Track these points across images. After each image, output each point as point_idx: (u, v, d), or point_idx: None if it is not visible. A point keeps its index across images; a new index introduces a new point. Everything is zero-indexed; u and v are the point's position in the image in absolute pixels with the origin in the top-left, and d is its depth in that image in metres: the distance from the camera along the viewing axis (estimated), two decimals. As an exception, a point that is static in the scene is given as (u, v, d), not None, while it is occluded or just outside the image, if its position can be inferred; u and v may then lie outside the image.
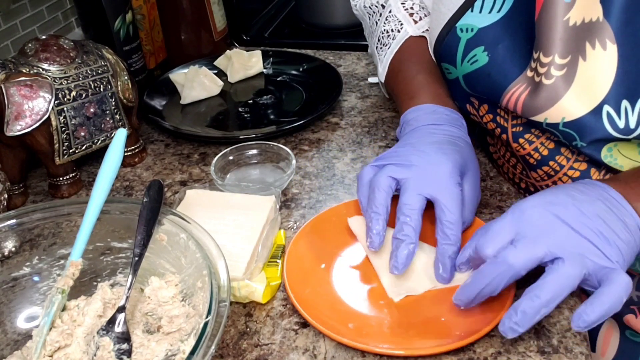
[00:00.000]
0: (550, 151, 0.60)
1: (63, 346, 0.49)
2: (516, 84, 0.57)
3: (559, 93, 0.54)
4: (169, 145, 0.84)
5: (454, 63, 0.62)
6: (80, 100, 0.71)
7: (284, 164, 0.73)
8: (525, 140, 0.62)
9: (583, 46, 0.53)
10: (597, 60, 0.52)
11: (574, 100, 0.53)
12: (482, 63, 0.59)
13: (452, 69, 0.63)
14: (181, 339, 0.49)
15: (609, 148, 0.55)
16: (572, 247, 0.47)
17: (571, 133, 0.55)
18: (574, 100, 0.54)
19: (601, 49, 0.52)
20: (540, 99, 0.55)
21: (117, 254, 0.57)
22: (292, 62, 1.01)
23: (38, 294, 0.55)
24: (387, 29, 0.76)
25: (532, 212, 0.49)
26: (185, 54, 1.04)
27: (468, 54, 0.60)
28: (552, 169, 0.61)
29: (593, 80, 0.53)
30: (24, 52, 0.70)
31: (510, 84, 0.58)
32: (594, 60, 0.52)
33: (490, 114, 0.64)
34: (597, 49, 0.52)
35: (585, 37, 0.52)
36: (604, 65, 0.52)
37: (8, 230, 0.54)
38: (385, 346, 0.50)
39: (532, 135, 0.61)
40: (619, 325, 0.66)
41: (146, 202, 0.54)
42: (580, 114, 0.54)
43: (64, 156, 0.72)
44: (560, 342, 0.51)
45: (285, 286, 0.56)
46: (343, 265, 0.60)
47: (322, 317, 0.53)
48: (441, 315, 0.53)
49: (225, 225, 0.60)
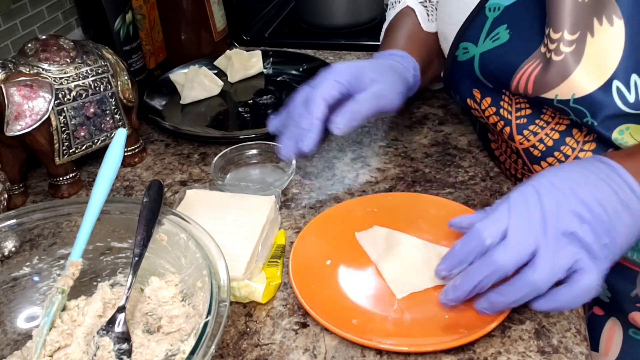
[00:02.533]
0: (555, 142, 0.60)
1: (63, 346, 0.49)
2: (529, 61, 0.57)
3: (569, 69, 0.54)
4: (169, 145, 0.84)
5: (476, 42, 0.63)
6: (80, 100, 0.71)
7: (284, 164, 0.73)
8: (529, 132, 0.62)
9: (591, 22, 0.53)
10: (604, 36, 0.53)
11: (584, 76, 0.54)
12: (503, 40, 0.60)
13: (471, 47, 0.63)
14: (181, 339, 0.49)
15: (621, 131, 0.55)
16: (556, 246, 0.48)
17: (582, 109, 0.55)
18: (584, 76, 0.54)
19: (608, 24, 0.53)
20: (550, 75, 0.55)
21: (117, 254, 0.57)
22: (292, 62, 1.01)
23: (38, 294, 0.55)
24: (392, 0, 0.82)
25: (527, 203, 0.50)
26: (185, 54, 1.04)
27: (492, 32, 0.61)
28: (557, 159, 0.61)
29: (602, 56, 0.53)
30: (24, 52, 0.70)
31: (524, 61, 0.58)
32: (602, 36, 0.53)
33: (493, 107, 0.64)
34: (604, 25, 0.53)
35: (592, 13, 0.53)
36: (611, 41, 0.53)
37: (8, 230, 0.54)
38: (388, 342, 0.50)
39: (537, 126, 0.61)
40: (622, 323, 0.66)
41: (146, 202, 0.54)
42: (590, 89, 0.54)
43: (64, 156, 0.72)
44: (560, 342, 0.51)
45: (291, 281, 0.56)
46: (349, 262, 0.60)
47: (326, 312, 0.53)
48: (445, 312, 0.53)
49: (225, 225, 0.60)
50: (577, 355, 0.50)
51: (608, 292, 0.65)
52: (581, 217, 0.48)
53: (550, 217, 0.48)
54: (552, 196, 0.49)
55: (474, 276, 0.49)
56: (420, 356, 0.51)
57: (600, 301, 0.67)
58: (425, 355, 0.51)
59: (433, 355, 0.51)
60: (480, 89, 0.65)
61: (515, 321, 0.53)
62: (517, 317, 0.54)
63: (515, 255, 0.48)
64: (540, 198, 0.49)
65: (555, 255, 0.47)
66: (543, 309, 0.48)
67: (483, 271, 0.49)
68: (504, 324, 0.53)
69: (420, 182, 0.72)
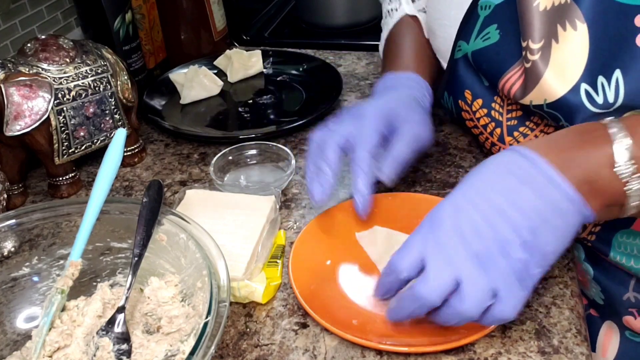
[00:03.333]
0: None
1: (62, 346, 0.49)
2: (516, 67, 0.58)
3: (537, 75, 0.55)
4: (169, 145, 0.84)
5: (467, 39, 0.63)
6: (80, 100, 0.71)
7: (284, 164, 0.73)
8: (519, 134, 0.62)
9: (555, 29, 0.54)
10: (569, 41, 0.53)
11: (552, 81, 0.54)
12: (493, 40, 0.60)
13: (463, 45, 0.64)
14: (181, 339, 0.49)
15: None
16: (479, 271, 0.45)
17: (555, 114, 0.56)
18: (552, 81, 0.54)
19: (572, 29, 0.53)
20: (525, 81, 0.56)
21: (116, 254, 0.57)
22: (292, 62, 1.01)
23: (37, 294, 0.55)
24: (389, 8, 0.81)
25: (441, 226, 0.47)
26: (185, 54, 1.04)
27: (483, 31, 0.61)
28: None
29: (567, 61, 0.54)
30: (23, 51, 0.70)
31: (512, 65, 0.58)
32: (566, 41, 0.53)
33: (484, 109, 0.64)
34: (568, 30, 0.53)
35: (556, 20, 0.53)
36: (576, 45, 0.53)
37: (7, 231, 0.54)
38: (388, 342, 0.50)
39: (527, 128, 0.62)
40: (618, 326, 0.66)
41: (146, 202, 0.54)
42: (559, 94, 0.54)
43: (64, 156, 0.71)
44: (560, 342, 0.51)
45: (291, 281, 0.56)
46: (349, 263, 0.60)
47: (326, 313, 0.53)
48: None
49: (225, 225, 0.60)
50: (577, 355, 0.50)
51: (602, 294, 0.65)
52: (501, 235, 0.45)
53: (469, 238, 0.45)
54: (468, 214, 0.46)
55: (403, 309, 0.48)
56: (420, 356, 0.51)
57: (595, 303, 0.67)
58: (425, 356, 0.51)
59: (433, 356, 0.51)
60: (472, 89, 0.65)
61: (515, 321, 0.53)
62: (518, 318, 0.53)
63: (437, 287, 0.45)
64: (456, 218, 0.46)
65: (478, 282, 0.44)
66: None
67: (410, 305, 0.47)
68: (505, 325, 0.53)
69: (420, 182, 0.72)
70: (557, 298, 0.55)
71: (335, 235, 0.62)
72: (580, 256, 0.65)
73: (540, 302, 0.55)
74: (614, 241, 0.59)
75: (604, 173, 0.45)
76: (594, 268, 0.64)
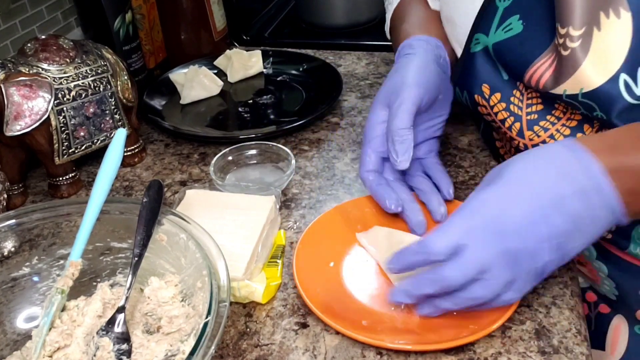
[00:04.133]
0: (566, 137, 0.59)
1: (62, 346, 0.49)
2: (545, 56, 0.57)
3: (576, 64, 0.54)
4: (169, 145, 0.84)
5: (487, 32, 0.62)
6: (80, 100, 0.71)
7: (284, 164, 0.73)
8: (540, 128, 0.61)
9: (597, 16, 0.52)
10: (611, 30, 0.52)
11: (591, 70, 0.53)
12: (517, 31, 0.59)
13: (482, 38, 0.63)
14: (181, 339, 0.49)
15: None
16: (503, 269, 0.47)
17: (590, 104, 0.55)
18: (591, 71, 0.53)
19: (615, 17, 0.52)
20: (559, 70, 0.55)
21: (116, 254, 0.57)
22: (292, 62, 1.01)
23: (37, 294, 0.55)
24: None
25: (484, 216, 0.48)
26: (185, 54, 1.04)
27: (504, 22, 0.60)
28: None
29: (608, 50, 0.53)
30: (23, 51, 0.70)
31: (539, 55, 0.57)
32: (609, 29, 0.52)
33: (502, 103, 0.63)
34: (611, 18, 0.52)
35: (600, 7, 0.52)
36: (618, 34, 0.52)
37: (7, 231, 0.54)
38: (395, 341, 0.50)
39: (548, 122, 0.61)
40: (628, 320, 0.66)
41: (146, 202, 0.54)
42: (597, 83, 0.53)
43: (64, 156, 0.71)
44: (560, 342, 0.51)
45: (297, 286, 0.56)
46: (351, 263, 0.60)
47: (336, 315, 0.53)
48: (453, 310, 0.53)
49: (225, 225, 0.60)
50: (577, 355, 0.50)
51: (615, 290, 0.65)
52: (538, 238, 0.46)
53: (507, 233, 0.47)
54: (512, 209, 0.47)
55: (422, 287, 0.49)
56: (420, 356, 0.51)
57: (607, 299, 0.67)
58: (425, 355, 0.51)
59: (433, 355, 0.51)
60: (490, 83, 0.64)
61: (515, 321, 0.53)
62: (518, 318, 0.54)
63: (466, 275, 0.47)
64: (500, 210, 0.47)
65: (503, 276, 0.47)
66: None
67: (433, 285, 0.49)
68: (505, 324, 0.53)
69: (420, 182, 0.72)
70: (557, 298, 0.55)
71: (336, 237, 0.62)
72: (592, 255, 0.65)
73: (540, 302, 0.55)
74: (634, 234, 0.59)
75: None
76: (607, 265, 0.64)
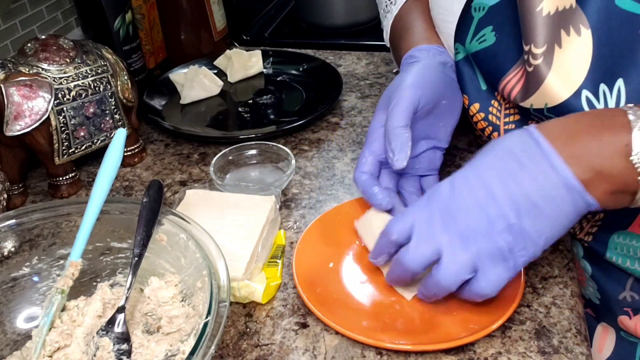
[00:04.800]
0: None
1: (62, 346, 0.49)
2: (515, 69, 0.57)
3: (540, 79, 0.54)
4: (169, 145, 0.84)
5: (463, 42, 0.62)
6: (80, 100, 0.71)
7: (284, 164, 0.73)
8: None
9: (558, 34, 0.53)
10: (572, 47, 0.53)
11: (554, 86, 0.54)
12: (490, 43, 0.59)
13: (460, 48, 0.63)
14: (181, 339, 0.49)
15: None
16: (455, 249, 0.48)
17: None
18: (554, 87, 0.54)
19: (576, 35, 0.53)
20: (526, 84, 0.56)
21: (116, 254, 0.57)
22: (292, 62, 1.01)
23: (37, 294, 0.55)
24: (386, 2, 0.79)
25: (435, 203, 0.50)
26: (185, 54, 1.04)
27: (478, 33, 0.60)
28: None
29: (570, 67, 0.53)
30: (23, 51, 0.70)
31: (510, 68, 0.58)
32: (569, 46, 0.53)
33: (481, 113, 0.64)
34: (571, 35, 0.53)
35: (560, 25, 0.53)
36: (579, 51, 0.53)
37: (7, 231, 0.54)
38: (395, 342, 0.50)
39: None
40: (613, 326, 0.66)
41: (146, 202, 0.54)
42: (560, 99, 0.54)
43: (64, 156, 0.71)
44: (560, 342, 0.51)
45: (297, 287, 0.56)
46: (350, 264, 0.60)
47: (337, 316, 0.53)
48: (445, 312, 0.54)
49: (225, 225, 0.60)
50: (577, 355, 0.50)
51: (598, 293, 0.65)
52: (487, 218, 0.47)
53: (457, 217, 0.48)
54: (462, 195, 0.49)
55: (392, 273, 0.54)
56: (420, 356, 0.51)
57: (591, 303, 0.67)
58: (425, 355, 0.51)
59: (433, 355, 0.51)
60: (469, 93, 0.65)
61: (515, 321, 0.53)
62: (518, 318, 0.54)
63: (419, 257, 0.49)
64: (450, 197, 0.49)
65: (457, 256, 0.48)
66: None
67: (396, 270, 0.52)
68: (505, 324, 0.53)
69: (420, 182, 0.72)
70: (557, 298, 0.55)
71: (335, 237, 0.62)
72: (579, 253, 0.65)
73: (540, 302, 0.55)
74: (610, 242, 0.59)
75: (617, 161, 0.45)
76: (591, 266, 0.64)
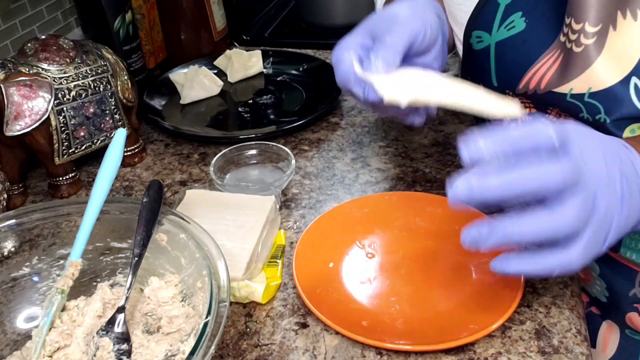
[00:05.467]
0: None
1: (62, 346, 0.49)
2: (548, 53, 0.56)
3: (588, 61, 0.53)
4: (169, 145, 0.84)
5: (489, 30, 0.61)
6: (80, 100, 0.71)
7: (284, 164, 0.73)
8: None
9: (615, 15, 0.52)
10: (627, 30, 0.52)
11: (603, 69, 0.52)
12: (519, 29, 0.58)
13: (485, 36, 0.62)
14: (181, 339, 0.49)
15: (632, 130, 0.54)
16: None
17: (596, 105, 0.54)
18: (603, 70, 0.52)
19: (632, 19, 0.51)
20: (568, 67, 0.54)
21: (116, 254, 0.57)
22: (292, 62, 1.01)
23: (37, 294, 0.55)
24: None
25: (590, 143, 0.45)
26: (185, 54, 1.04)
27: (506, 20, 0.59)
28: None
29: (623, 50, 0.52)
30: (23, 51, 0.70)
31: (543, 52, 0.56)
32: (624, 30, 0.52)
33: None
34: (627, 19, 0.51)
35: (617, 6, 0.52)
36: (634, 36, 0.51)
37: (7, 231, 0.54)
38: (395, 342, 0.50)
39: None
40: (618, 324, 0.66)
41: (146, 202, 0.54)
42: (608, 84, 0.52)
43: (64, 156, 0.71)
44: (560, 342, 0.51)
45: (297, 287, 0.56)
46: (350, 264, 0.60)
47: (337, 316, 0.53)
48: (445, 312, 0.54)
49: (225, 225, 0.60)
50: (577, 355, 0.50)
51: (606, 291, 0.65)
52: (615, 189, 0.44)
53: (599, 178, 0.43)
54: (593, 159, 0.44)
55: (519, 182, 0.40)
56: (420, 356, 0.51)
57: (597, 301, 0.67)
58: (425, 355, 0.51)
59: (433, 355, 0.51)
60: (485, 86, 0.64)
61: (515, 321, 0.53)
62: (518, 318, 0.54)
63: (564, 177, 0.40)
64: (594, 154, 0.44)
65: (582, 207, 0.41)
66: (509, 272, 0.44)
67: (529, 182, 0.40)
68: (505, 324, 0.53)
69: (420, 182, 0.72)
70: (557, 298, 0.55)
71: (335, 237, 0.62)
72: None
73: (540, 302, 0.55)
74: (625, 238, 0.59)
75: None
76: (600, 265, 0.64)
